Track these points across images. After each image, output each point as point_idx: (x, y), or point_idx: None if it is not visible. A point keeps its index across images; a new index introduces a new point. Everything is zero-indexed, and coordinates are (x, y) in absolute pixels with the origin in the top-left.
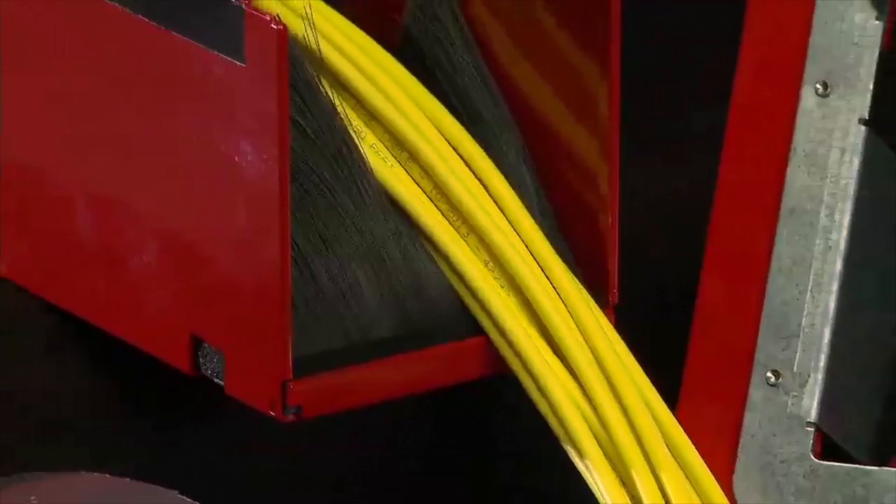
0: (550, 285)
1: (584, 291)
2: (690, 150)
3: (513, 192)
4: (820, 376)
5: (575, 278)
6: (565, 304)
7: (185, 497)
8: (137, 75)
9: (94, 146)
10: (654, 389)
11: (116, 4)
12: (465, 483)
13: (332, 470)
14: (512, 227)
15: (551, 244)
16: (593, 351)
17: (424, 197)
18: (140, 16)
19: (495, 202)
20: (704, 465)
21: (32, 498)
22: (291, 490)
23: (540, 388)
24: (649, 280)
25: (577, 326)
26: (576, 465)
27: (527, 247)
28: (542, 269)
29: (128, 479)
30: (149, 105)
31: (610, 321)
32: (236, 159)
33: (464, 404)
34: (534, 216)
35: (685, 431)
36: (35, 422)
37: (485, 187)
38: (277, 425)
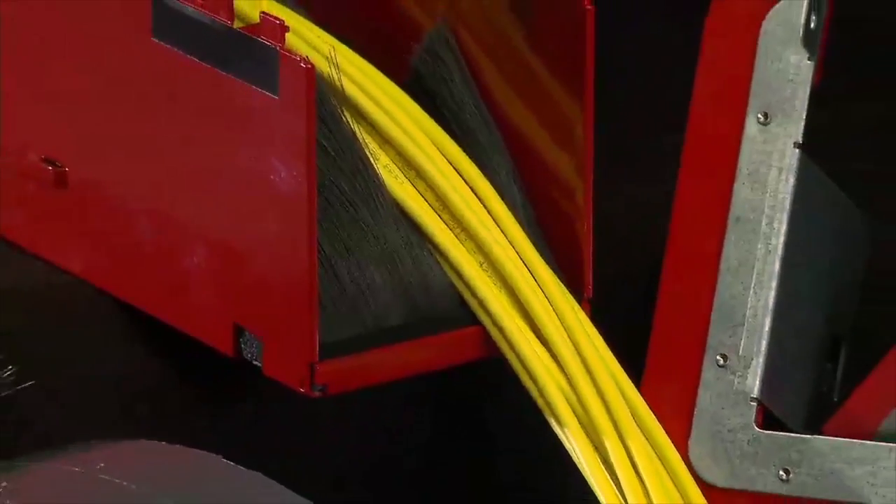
0: (535, 283)
1: (564, 288)
2: (659, 167)
3: (503, 204)
4: (761, 359)
5: (556, 277)
6: (548, 299)
7: (227, 461)
8: (188, 105)
9: (151, 165)
10: (622, 370)
11: (172, 47)
12: (464, 480)
13: (333, 468)
14: (503, 234)
15: (536, 248)
16: (571, 338)
17: (429, 208)
18: (191, 56)
19: (489, 213)
20: (665, 434)
21: (101, 465)
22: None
23: (527, 370)
24: (620, 278)
25: (558, 317)
26: (557, 433)
27: (515, 250)
28: (528, 269)
29: (178, 445)
30: (198, 131)
31: (585, 313)
32: (271, 177)
33: (462, 400)
34: (521, 225)
35: (648, 405)
36: (105, 398)
37: (480, 200)
38: (283, 426)
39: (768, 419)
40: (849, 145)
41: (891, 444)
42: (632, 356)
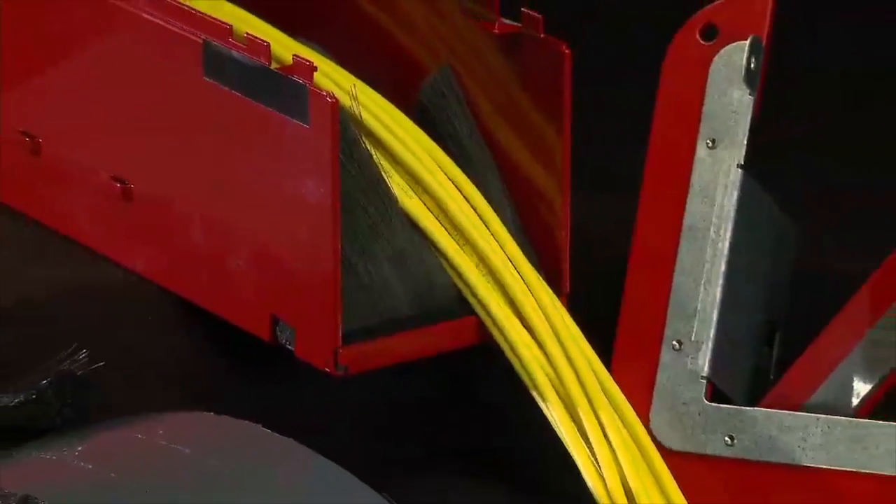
0: (522, 280)
1: (545, 284)
2: (629, 185)
3: (495, 215)
4: (710, 344)
5: (539, 275)
6: (532, 293)
7: (265, 428)
8: (233, 131)
9: (201, 181)
10: (594, 353)
11: (220, 84)
12: (467, 442)
13: (353, 434)
14: (495, 239)
15: (522, 251)
16: (551, 326)
17: (433, 218)
18: (235, 91)
19: (483, 222)
20: (630, 407)
21: (160, 432)
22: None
23: (514, 353)
24: (593, 277)
25: (540, 309)
26: (539, 405)
27: (505, 253)
28: (516, 269)
29: (224, 416)
30: (241, 153)
31: (563, 306)
32: (302, 191)
33: (461, 378)
34: (510, 232)
35: (616, 383)
36: (165, 377)
37: (476, 212)
38: (311, 400)
39: (716, 394)
40: (781, 164)
41: (818, 415)
42: (602, 342)
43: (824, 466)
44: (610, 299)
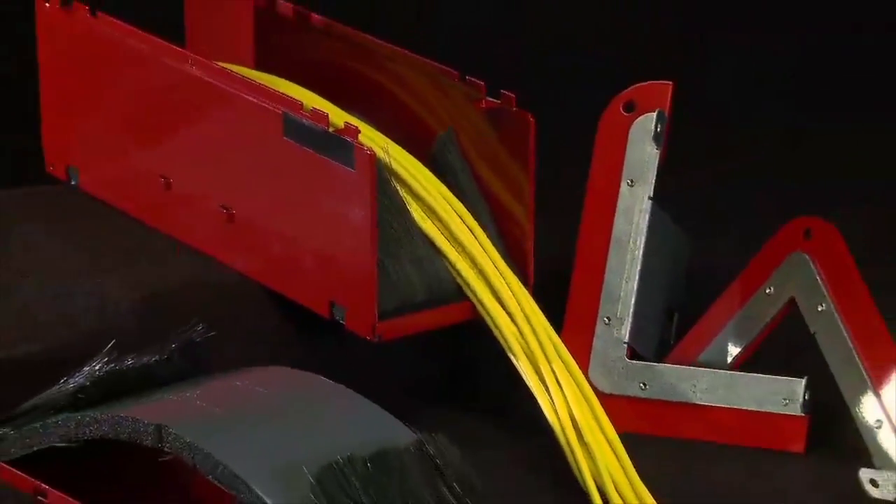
0: (501, 276)
1: (517, 278)
2: (574, 211)
3: (482, 231)
4: (629, 319)
5: (512, 272)
6: (507, 285)
7: (325, 378)
8: (303, 174)
9: (282, 208)
10: (550, 325)
11: (294, 141)
12: (469, 391)
13: (389, 387)
14: (483, 248)
15: (501, 256)
16: (520, 307)
17: (440, 234)
18: (304, 147)
19: (475, 237)
20: (575, 363)
21: (250, 380)
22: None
23: (495, 326)
24: (549, 274)
25: (513, 295)
26: (512, 360)
27: (489, 258)
28: (496, 268)
29: (297, 370)
30: (309, 189)
31: (529, 293)
32: (350, 215)
33: (459, 345)
34: (493, 243)
35: (566, 346)
36: (256, 344)
37: (470, 231)
38: (357, 359)
39: (633, 354)
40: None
41: (704, 369)
42: (556, 318)
43: (708, 404)
44: (560, 290)
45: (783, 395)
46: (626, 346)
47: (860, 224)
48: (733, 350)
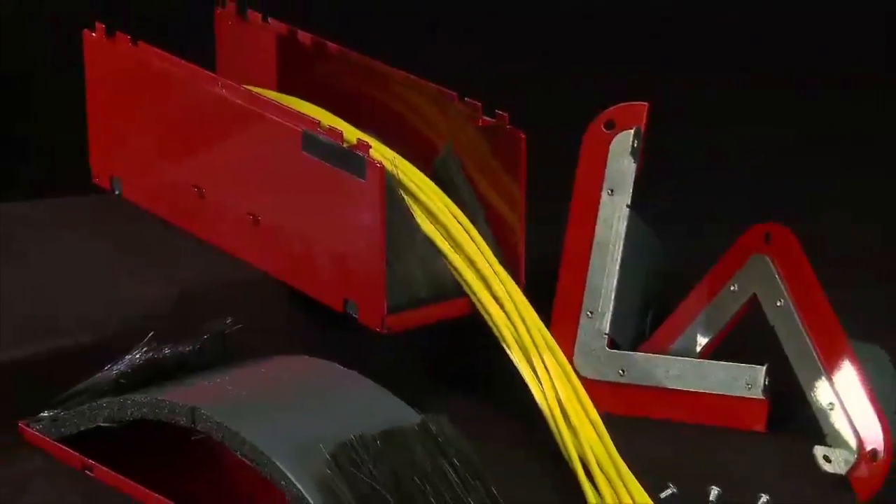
0: (496, 275)
1: (510, 277)
2: (561, 219)
3: (480, 237)
4: (609, 314)
5: (506, 272)
6: (501, 282)
7: (339, 365)
8: (320, 184)
9: (300, 215)
10: (539, 319)
11: (312, 156)
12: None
13: (397, 372)
14: (480, 250)
15: (496, 258)
16: (513, 303)
17: (441, 237)
18: (322, 161)
19: (473, 242)
20: (561, 351)
21: (273, 367)
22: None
23: (490, 319)
24: (539, 274)
25: (507, 292)
26: (506, 351)
27: (486, 260)
28: (492, 268)
29: (315, 357)
30: (325, 197)
31: (521, 290)
32: (362, 220)
33: (458, 336)
34: (489, 246)
35: (553, 337)
36: (277, 337)
37: (468, 233)
38: (368, 348)
39: (613, 344)
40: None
41: (676, 357)
42: (545, 312)
43: (679, 388)
44: (549, 287)
45: (746, 380)
46: (606, 336)
47: (818, 228)
48: (702, 340)
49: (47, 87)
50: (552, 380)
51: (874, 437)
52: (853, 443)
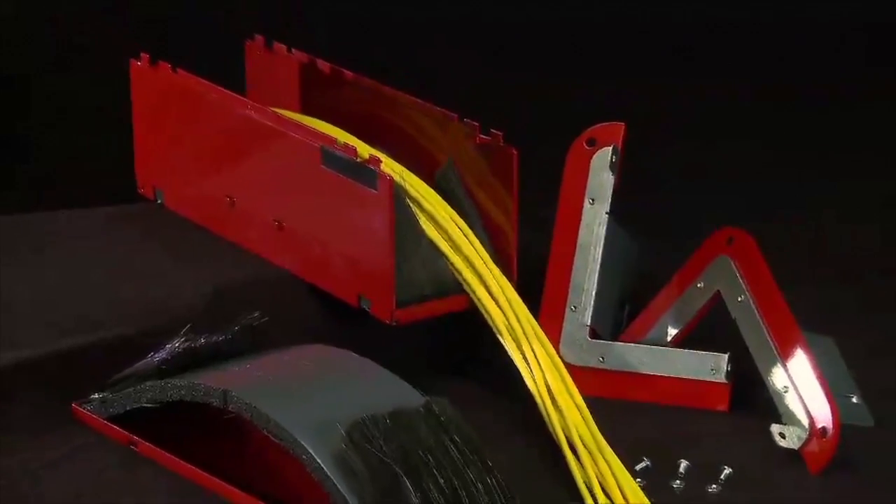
0: (491, 273)
1: (503, 275)
2: (548, 225)
3: (477, 240)
4: (591, 308)
5: (500, 271)
6: (496, 280)
7: (355, 353)
8: (336, 194)
9: (319, 221)
10: (528, 312)
11: (330, 169)
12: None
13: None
14: (477, 252)
15: (491, 258)
16: (506, 298)
17: (445, 243)
18: (339, 174)
19: (470, 243)
20: (548, 341)
21: (296, 355)
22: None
23: (486, 312)
24: (529, 273)
25: (501, 289)
26: (499, 340)
27: (482, 260)
28: (487, 268)
29: (332, 346)
30: (341, 204)
31: (513, 287)
32: (373, 226)
33: (457, 329)
34: (485, 248)
35: (542, 328)
36: (298, 328)
37: (466, 238)
38: (379, 339)
39: (594, 334)
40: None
41: (649, 345)
42: (534, 306)
43: (652, 373)
44: (538, 284)
45: (711, 366)
46: (588, 327)
47: (775, 231)
48: (672, 331)
49: (47, 87)
50: (541, 366)
51: (824, 416)
52: (805, 421)
